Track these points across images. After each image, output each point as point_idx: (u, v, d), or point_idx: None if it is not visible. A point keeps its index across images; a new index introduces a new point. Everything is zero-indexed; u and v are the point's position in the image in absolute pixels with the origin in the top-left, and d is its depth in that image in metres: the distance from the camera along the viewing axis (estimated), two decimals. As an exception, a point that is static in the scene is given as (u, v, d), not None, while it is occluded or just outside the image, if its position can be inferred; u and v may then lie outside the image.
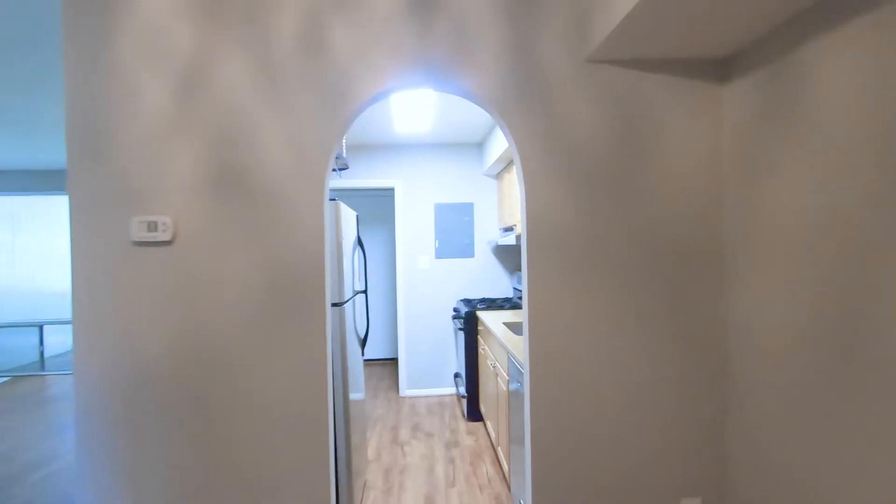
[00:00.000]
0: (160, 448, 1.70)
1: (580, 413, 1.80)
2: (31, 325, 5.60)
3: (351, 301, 2.61)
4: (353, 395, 2.41)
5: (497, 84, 1.75)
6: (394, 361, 5.84)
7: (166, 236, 1.68)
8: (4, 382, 5.25)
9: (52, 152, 4.60)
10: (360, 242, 2.90)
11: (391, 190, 5.28)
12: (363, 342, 2.89)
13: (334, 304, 2.23)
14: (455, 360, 4.54)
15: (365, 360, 5.87)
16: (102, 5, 1.68)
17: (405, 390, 4.49)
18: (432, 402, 4.30)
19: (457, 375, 4.37)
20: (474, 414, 3.80)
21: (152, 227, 1.68)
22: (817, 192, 1.35)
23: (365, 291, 2.95)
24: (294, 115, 1.71)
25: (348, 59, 1.72)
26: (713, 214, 1.81)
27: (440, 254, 4.52)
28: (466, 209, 4.54)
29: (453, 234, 4.53)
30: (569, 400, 1.79)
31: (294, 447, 1.72)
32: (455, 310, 4.29)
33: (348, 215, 2.58)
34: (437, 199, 4.53)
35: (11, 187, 5.49)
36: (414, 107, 3.23)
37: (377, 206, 5.95)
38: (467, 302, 4.25)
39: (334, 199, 2.25)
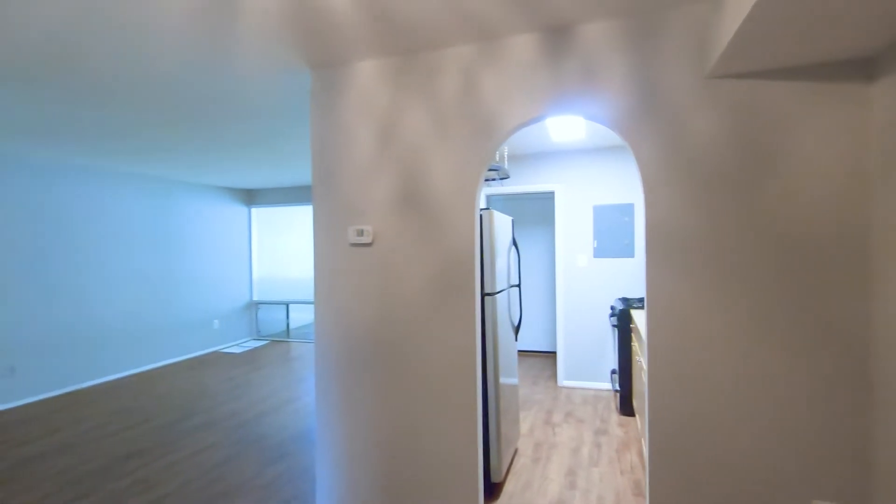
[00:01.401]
0: (362, 390, 2.43)
1: (701, 412, 1.94)
2: (281, 303, 7.54)
3: (505, 293, 3.09)
4: (505, 375, 2.88)
5: (620, 106, 2.02)
6: (554, 354, 6.15)
7: (368, 240, 2.40)
8: (265, 345, 7.17)
9: (300, 175, 6.18)
10: (514, 243, 3.37)
11: (551, 193, 5.61)
12: (516, 329, 3.35)
13: (487, 294, 2.73)
14: (612, 357, 4.67)
15: (527, 352, 6.31)
16: (333, 82, 2.47)
17: (563, 381, 4.79)
18: (588, 395, 4.52)
19: (613, 371, 4.51)
20: (627, 408, 3.93)
21: (360, 233, 2.41)
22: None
23: (518, 285, 3.40)
24: (453, 147, 2.26)
25: (493, 100, 2.20)
26: (856, 220, 1.77)
27: (598, 253, 4.69)
28: (626, 210, 4.63)
29: (612, 234, 4.66)
30: (687, 400, 1.96)
31: (450, 402, 2.27)
32: (611, 307, 4.44)
33: (502, 220, 3.06)
34: (596, 200, 4.71)
35: (273, 201, 7.48)
36: (567, 119, 3.55)
37: (538, 209, 6.33)
38: (625, 300, 4.35)
39: (488, 209, 2.75)
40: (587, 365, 4.74)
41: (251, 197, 7.66)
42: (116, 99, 2.94)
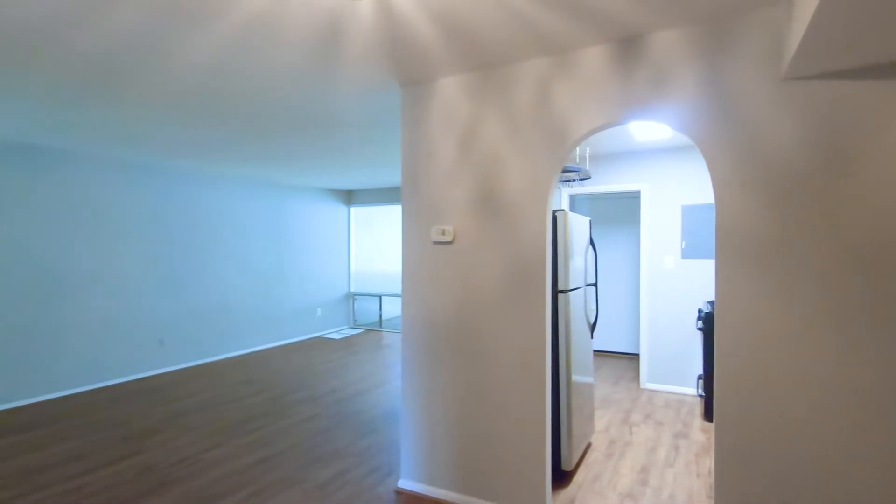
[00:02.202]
0: (442, 372, 2.70)
1: (772, 419, 1.94)
2: (375, 295, 8.16)
3: (581, 291, 3.19)
4: (579, 370, 2.99)
5: (691, 110, 2.06)
6: (637, 356, 6.00)
7: (449, 238, 2.66)
8: (360, 333, 7.81)
9: (392, 177, 6.67)
10: (591, 243, 3.44)
11: (636, 193, 5.48)
12: (592, 327, 3.43)
13: (561, 291, 2.87)
14: (700, 361, 4.51)
15: (609, 352, 6.23)
16: (420, 97, 2.76)
17: (645, 383, 4.72)
18: (671, 398, 4.42)
19: (700, 377, 4.36)
20: (712, 414, 3.80)
21: (442, 232, 2.68)
22: None
23: (595, 284, 3.47)
24: (527, 153, 2.44)
25: (565, 109, 2.34)
26: (951, 220, 1.67)
27: (687, 254, 4.55)
28: (719, 209, 4.43)
29: (702, 235, 4.49)
30: (758, 405, 1.96)
31: (520, 390, 2.46)
32: (699, 311, 4.29)
33: (579, 221, 3.16)
34: (685, 200, 4.57)
35: (369, 200, 8.11)
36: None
37: (622, 208, 6.20)
38: (714, 304, 4.19)
39: (563, 210, 2.89)
40: (672, 368, 4.62)
41: (350, 197, 8.36)
42: (247, 120, 3.50)
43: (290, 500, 2.69)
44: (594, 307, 3.70)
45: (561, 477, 2.91)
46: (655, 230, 4.70)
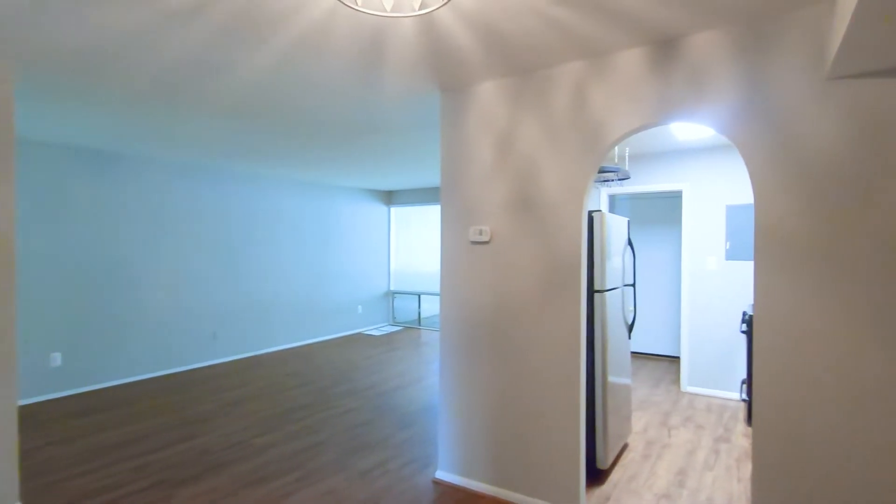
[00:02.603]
0: (479, 368, 2.78)
1: (812, 425, 1.92)
2: (414, 293, 8.32)
3: (618, 291, 3.20)
4: (616, 369, 3.00)
5: (729, 111, 2.06)
6: (677, 359, 5.87)
7: (486, 238, 2.74)
8: (399, 330, 7.99)
9: (431, 178, 6.81)
10: (630, 243, 3.44)
11: (677, 192, 5.37)
12: (630, 328, 3.43)
13: (597, 291, 2.90)
14: (744, 365, 4.39)
15: (648, 354, 6.13)
16: (459, 102, 2.86)
17: (686, 386, 4.64)
18: (714, 403, 4.33)
19: (744, 381, 4.25)
20: (756, 420, 3.71)
21: (479, 233, 2.76)
22: None
23: (633, 285, 3.46)
24: (563, 156, 2.49)
25: (601, 112, 2.37)
26: None
27: (731, 255, 4.44)
28: (765, 209, 4.29)
29: (748, 235, 4.37)
30: (797, 411, 1.94)
31: (555, 387, 2.51)
32: (743, 313, 4.18)
33: (616, 221, 3.17)
34: (730, 200, 4.46)
35: (409, 201, 8.29)
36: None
37: (663, 208, 6.08)
38: (759, 307, 4.07)
39: (599, 210, 2.91)
40: (714, 372, 4.52)
41: (390, 197, 8.57)
42: (294, 128, 3.71)
43: (335, 485, 2.85)
44: (632, 308, 3.69)
45: (596, 475, 2.94)
46: (698, 230, 4.60)
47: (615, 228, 3.14)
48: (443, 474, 2.90)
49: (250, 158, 5.20)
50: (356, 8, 1.48)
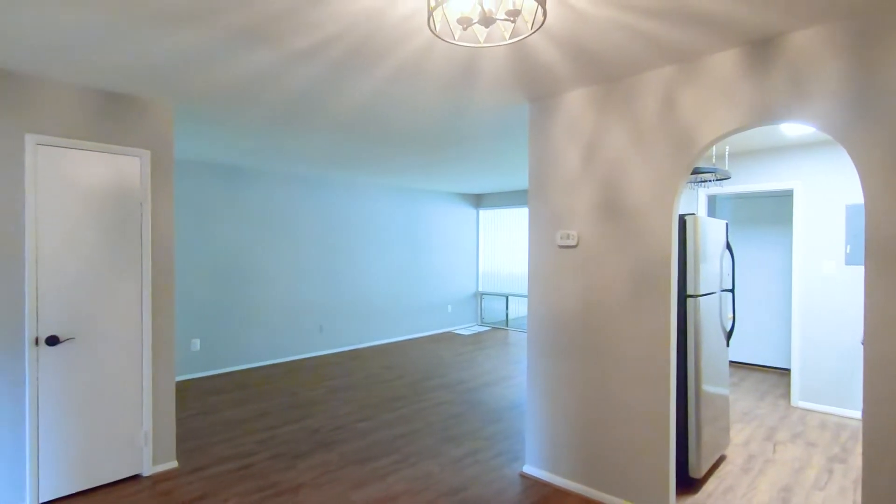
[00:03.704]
0: (566, 369, 2.86)
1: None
2: (502, 295, 8.47)
3: (714, 296, 3.10)
4: (711, 376, 2.92)
5: (834, 108, 1.96)
6: (787, 371, 5.39)
7: (573, 242, 2.82)
8: (487, 330, 8.18)
9: (519, 181, 6.92)
10: (728, 247, 3.31)
11: (787, 192, 4.94)
12: (728, 335, 3.29)
13: (690, 296, 2.84)
14: (870, 383, 3.96)
15: (754, 365, 5.70)
16: (546, 111, 2.96)
17: (797, 401, 4.28)
18: (829, 420, 3.96)
19: (869, 399, 3.84)
20: (881, 442, 3.35)
21: (567, 237, 2.85)
22: None
23: (731, 290, 3.32)
24: (651, 161, 2.50)
25: (692, 115, 2.36)
26: None
27: (851, 260, 4.03)
28: None
29: (873, 237, 3.94)
30: (918, 411, 1.80)
31: (642, 390, 2.53)
32: (867, 324, 3.78)
33: (712, 225, 3.08)
34: (850, 199, 4.05)
35: (497, 204, 8.45)
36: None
37: (769, 208, 5.60)
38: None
39: (692, 214, 2.85)
40: (831, 387, 4.13)
41: (479, 200, 8.78)
42: (392, 140, 4.04)
43: (429, 469, 3.09)
44: (731, 314, 3.53)
45: (689, 484, 2.88)
46: (812, 232, 4.24)
47: (711, 232, 3.05)
48: (530, 469, 3.02)
49: (350, 167, 5.69)
50: (453, 42, 1.68)
